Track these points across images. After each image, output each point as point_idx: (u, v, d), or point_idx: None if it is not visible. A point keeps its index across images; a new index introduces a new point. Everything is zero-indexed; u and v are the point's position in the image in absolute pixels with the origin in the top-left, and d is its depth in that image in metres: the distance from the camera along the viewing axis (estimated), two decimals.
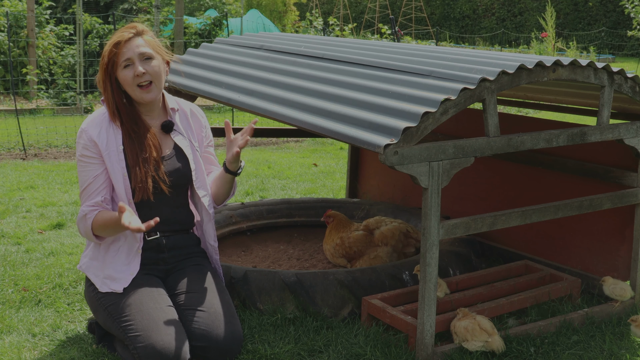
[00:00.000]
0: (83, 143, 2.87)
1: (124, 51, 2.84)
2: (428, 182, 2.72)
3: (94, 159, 2.86)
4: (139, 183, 2.85)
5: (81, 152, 2.88)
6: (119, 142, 2.87)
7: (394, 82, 2.99)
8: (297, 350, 2.96)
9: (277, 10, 19.89)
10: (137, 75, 2.83)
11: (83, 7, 12.47)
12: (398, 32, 14.55)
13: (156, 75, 2.89)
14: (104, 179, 2.86)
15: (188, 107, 3.11)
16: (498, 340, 2.89)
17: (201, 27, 12.96)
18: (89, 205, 2.85)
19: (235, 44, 4.31)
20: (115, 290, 2.85)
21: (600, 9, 23.58)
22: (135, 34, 2.88)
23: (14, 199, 5.61)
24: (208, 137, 3.14)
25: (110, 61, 2.85)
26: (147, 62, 2.87)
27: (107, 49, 2.86)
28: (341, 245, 3.91)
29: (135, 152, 2.87)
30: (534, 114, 10.12)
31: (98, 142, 2.85)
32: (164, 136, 2.99)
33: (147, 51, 2.88)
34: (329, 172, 6.92)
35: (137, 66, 2.84)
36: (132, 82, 2.85)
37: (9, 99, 11.04)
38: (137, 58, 2.85)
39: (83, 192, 2.88)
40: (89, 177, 2.86)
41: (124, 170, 2.85)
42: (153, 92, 2.89)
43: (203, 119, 3.15)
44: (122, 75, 2.85)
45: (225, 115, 10.50)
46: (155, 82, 2.89)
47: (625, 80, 3.13)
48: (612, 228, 3.63)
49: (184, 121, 3.07)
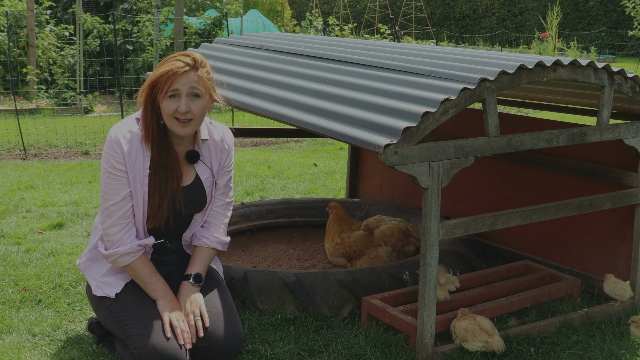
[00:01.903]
0: (116, 156, 2.78)
1: (175, 82, 2.74)
2: (428, 182, 2.72)
3: (124, 174, 2.79)
4: (155, 212, 2.84)
5: (113, 164, 2.78)
6: (147, 165, 2.82)
7: (394, 82, 2.99)
8: (297, 350, 2.96)
9: (274, 10, 19.90)
10: (179, 111, 2.75)
11: (83, 7, 12.47)
12: (398, 32, 14.55)
13: (198, 115, 2.80)
14: (132, 200, 2.83)
15: (219, 135, 3.00)
16: (498, 341, 2.89)
17: (201, 27, 12.95)
18: (134, 242, 2.82)
19: (235, 44, 4.31)
20: (109, 295, 2.86)
21: (600, 9, 23.58)
22: (191, 67, 2.77)
23: (14, 199, 5.61)
24: (228, 160, 3.03)
25: (159, 85, 2.75)
26: (194, 100, 2.77)
27: (157, 73, 2.75)
28: (341, 245, 3.91)
29: (158, 181, 2.82)
30: (534, 114, 10.12)
31: (127, 161, 2.79)
32: (187, 165, 2.93)
33: (197, 89, 2.77)
34: (329, 172, 6.92)
35: (182, 102, 2.74)
36: (171, 114, 2.77)
37: (9, 99, 11.04)
38: (185, 93, 2.76)
39: (112, 206, 2.80)
40: (122, 192, 2.79)
41: (145, 195, 2.83)
42: (190, 128, 2.81)
43: (229, 145, 3.03)
44: (165, 103, 2.76)
45: (225, 115, 10.49)
46: (195, 121, 2.81)
47: (625, 80, 3.13)
48: (612, 228, 3.63)
49: (212, 150, 2.98)
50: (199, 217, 3.00)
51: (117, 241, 2.81)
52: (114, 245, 2.82)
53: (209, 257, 3.00)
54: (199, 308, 2.80)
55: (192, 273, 2.91)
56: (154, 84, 2.76)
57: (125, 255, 2.82)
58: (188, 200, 2.91)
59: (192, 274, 2.90)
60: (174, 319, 2.75)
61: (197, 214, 2.99)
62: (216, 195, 3.02)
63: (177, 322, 2.74)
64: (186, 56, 2.79)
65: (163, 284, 2.86)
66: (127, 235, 2.82)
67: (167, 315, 2.75)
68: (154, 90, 2.77)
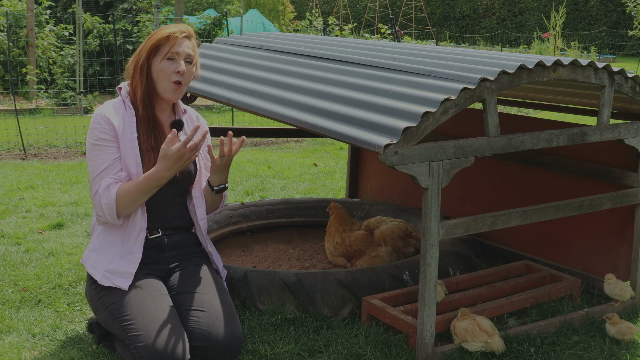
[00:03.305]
0: (99, 127, 2.86)
1: (175, 45, 2.90)
2: (428, 182, 2.72)
3: (111, 142, 2.86)
4: (152, 167, 2.86)
5: (97, 135, 2.86)
6: (134, 129, 2.90)
7: (394, 82, 2.99)
8: (297, 350, 2.96)
9: (275, 10, 19.90)
10: (177, 72, 2.90)
11: (83, 6, 12.47)
12: (398, 32, 14.55)
13: (187, 82, 2.98)
14: (121, 164, 2.87)
15: (194, 113, 3.17)
16: (498, 341, 2.89)
17: (201, 27, 12.96)
18: (112, 177, 2.84)
19: (235, 43, 4.31)
20: (120, 286, 2.84)
21: (600, 9, 23.59)
22: (187, 35, 2.96)
23: (14, 199, 5.61)
24: (207, 141, 3.15)
25: (155, 48, 2.90)
26: (188, 65, 2.95)
27: (159, 36, 2.91)
28: (341, 244, 3.91)
29: (150, 137, 2.92)
30: (534, 114, 10.12)
31: (116, 126, 2.87)
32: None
33: (192, 55, 2.96)
34: (329, 172, 6.92)
35: (181, 63, 2.91)
36: (169, 76, 2.90)
37: (9, 98, 11.04)
38: (183, 57, 2.92)
39: (100, 174, 2.84)
40: (107, 159, 2.85)
41: (137, 157, 2.88)
42: (179, 92, 2.96)
43: (206, 125, 3.16)
44: (162, 65, 2.90)
45: (225, 115, 10.49)
46: (184, 86, 2.97)
47: (625, 80, 3.13)
48: (612, 228, 3.63)
49: (191, 124, 3.10)
50: (197, 192, 3.06)
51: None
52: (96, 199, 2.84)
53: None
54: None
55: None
56: (155, 46, 2.90)
57: (106, 191, 2.80)
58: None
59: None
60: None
61: (195, 189, 3.04)
62: (206, 172, 3.13)
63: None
64: (182, 26, 2.98)
65: (147, 173, 2.82)
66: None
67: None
68: (152, 53, 2.91)
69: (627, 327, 3.07)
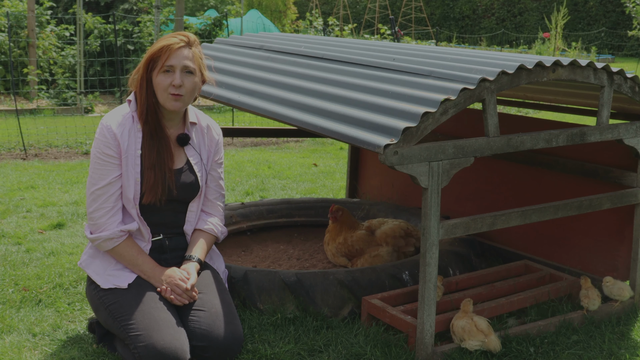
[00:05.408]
0: (105, 141, 2.85)
1: (170, 57, 2.84)
2: (428, 182, 2.73)
3: (114, 159, 2.85)
4: (150, 186, 2.87)
5: (102, 149, 2.85)
6: (138, 146, 2.88)
7: (394, 82, 3.00)
8: (297, 350, 2.97)
9: (277, 10, 19.90)
10: (173, 85, 2.84)
11: (84, 7, 12.48)
12: (398, 32, 14.55)
13: (190, 92, 2.90)
14: (120, 184, 2.87)
15: (206, 122, 3.11)
16: (494, 341, 2.89)
17: (201, 27, 12.96)
18: (117, 227, 2.86)
19: (235, 44, 4.32)
20: (120, 285, 2.86)
21: (600, 9, 23.58)
22: (186, 43, 2.89)
23: (15, 198, 5.61)
24: (218, 153, 3.12)
25: (153, 61, 2.86)
26: (187, 76, 2.87)
27: (153, 49, 2.87)
28: (344, 244, 3.91)
29: (154, 155, 2.89)
30: (534, 114, 10.12)
31: (121, 143, 2.85)
32: (178, 148, 3.00)
33: (190, 65, 2.87)
34: (329, 172, 6.92)
35: (177, 76, 2.84)
36: (165, 88, 2.85)
37: (10, 99, 11.05)
38: (180, 69, 2.85)
39: (97, 190, 2.85)
40: (108, 177, 2.85)
41: (137, 175, 2.86)
42: (181, 103, 2.89)
43: (218, 135, 3.13)
44: (158, 78, 2.85)
45: (225, 115, 10.50)
46: (186, 97, 2.90)
47: (624, 81, 3.13)
48: (612, 228, 3.63)
49: (200, 136, 3.06)
50: (194, 206, 3.04)
51: (101, 225, 2.86)
52: (98, 230, 2.87)
53: (210, 244, 3.08)
54: (187, 272, 2.89)
55: (194, 255, 2.98)
56: (150, 59, 2.87)
57: (108, 240, 2.86)
58: (180, 184, 2.96)
59: (195, 256, 2.98)
60: (167, 292, 2.84)
61: (193, 202, 3.03)
62: (212, 187, 3.09)
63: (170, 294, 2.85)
64: (181, 35, 2.92)
65: (150, 262, 2.90)
66: (111, 220, 2.86)
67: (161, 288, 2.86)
68: (150, 66, 2.87)
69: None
